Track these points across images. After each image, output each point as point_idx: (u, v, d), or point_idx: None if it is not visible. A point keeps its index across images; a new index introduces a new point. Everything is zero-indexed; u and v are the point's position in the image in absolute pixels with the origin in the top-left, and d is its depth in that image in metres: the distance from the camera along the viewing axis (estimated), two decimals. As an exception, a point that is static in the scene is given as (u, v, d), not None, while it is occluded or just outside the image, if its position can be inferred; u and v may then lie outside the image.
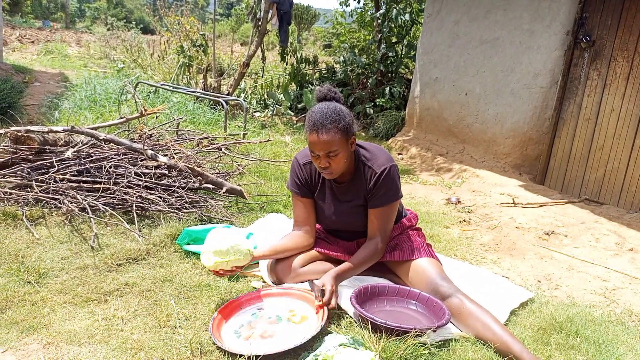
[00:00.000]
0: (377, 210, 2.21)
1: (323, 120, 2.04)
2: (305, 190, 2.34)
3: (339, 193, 2.29)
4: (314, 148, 2.08)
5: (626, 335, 2.14)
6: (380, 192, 2.19)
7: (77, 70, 9.69)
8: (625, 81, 3.77)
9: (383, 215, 2.22)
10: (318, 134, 2.04)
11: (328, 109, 2.07)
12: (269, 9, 7.17)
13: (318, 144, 2.05)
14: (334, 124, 2.04)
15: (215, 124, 5.71)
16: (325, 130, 2.03)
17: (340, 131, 2.06)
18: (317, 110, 2.08)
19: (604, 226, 3.35)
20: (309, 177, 2.33)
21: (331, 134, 2.04)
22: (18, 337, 1.83)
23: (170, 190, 3.20)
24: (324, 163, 2.09)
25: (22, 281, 2.18)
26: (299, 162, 2.35)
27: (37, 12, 31.25)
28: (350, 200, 2.27)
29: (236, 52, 11.67)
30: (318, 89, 2.19)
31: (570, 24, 4.09)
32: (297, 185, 2.34)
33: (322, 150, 2.06)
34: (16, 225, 2.71)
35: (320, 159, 2.09)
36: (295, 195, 2.36)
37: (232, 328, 1.98)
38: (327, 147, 2.05)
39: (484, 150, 4.89)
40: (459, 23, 5.10)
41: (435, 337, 1.91)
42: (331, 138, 2.03)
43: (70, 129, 3.35)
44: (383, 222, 2.22)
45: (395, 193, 2.21)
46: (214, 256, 2.08)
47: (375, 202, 2.21)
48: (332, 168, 2.12)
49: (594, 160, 3.99)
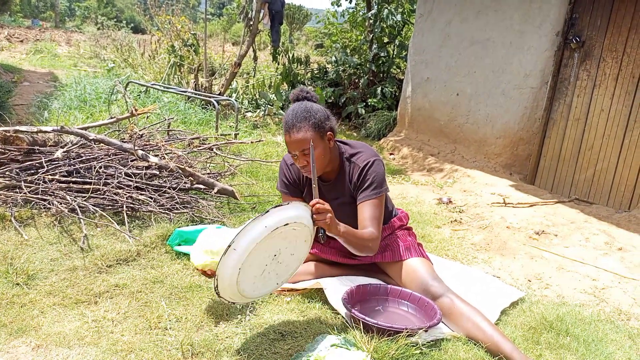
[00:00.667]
0: (365, 203, 2.20)
1: (294, 119, 2.07)
2: (294, 189, 2.34)
3: (326, 192, 2.29)
4: (290, 148, 2.10)
5: (615, 333, 2.16)
6: (365, 185, 2.18)
7: (67, 70, 9.60)
8: (614, 81, 3.80)
9: (372, 208, 2.19)
10: (290, 133, 2.06)
11: (299, 108, 2.10)
12: (260, 8, 7.15)
13: (292, 143, 2.07)
14: (304, 122, 2.06)
15: (207, 124, 5.68)
16: (296, 128, 2.05)
17: (312, 127, 2.07)
18: (290, 111, 2.11)
19: (593, 226, 3.38)
20: (296, 177, 2.33)
21: (302, 131, 2.05)
22: (6, 340, 1.81)
23: (161, 190, 3.18)
24: (302, 162, 2.10)
25: (10, 283, 2.16)
26: (286, 163, 2.35)
27: (26, 10, 30.96)
28: (336, 198, 2.27)
29: (228, 52, 11.64)
30: (292, 91, 2.22)
31: (560, 25, 4.12)
32: (285, 185, 2.34)
33: (297, 149, 2.07)
34: (5, 226, 2.69)
35: (298, 158, 2.10)
36: (285, 196, 2.36)
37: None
38: (300, 145, 2.06)
39: (475, 151, 4.91)
40: (451, 24, 5.12)
41: (426, 337, 1.92)
42: (303, 136, 2.04)
43: (59, 129, 3.32)
44: (372, 215, 2.19)
45: (380, 186, 2.19)
46: (204, 255, 2.07)
47: (361, 196, 2.20)
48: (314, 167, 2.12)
49: (584, 160, 4.03)
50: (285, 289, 2.25)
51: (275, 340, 1.91)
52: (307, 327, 2.01)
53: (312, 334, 1.96)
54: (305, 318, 2.08)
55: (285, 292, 2.26)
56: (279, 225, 1.70)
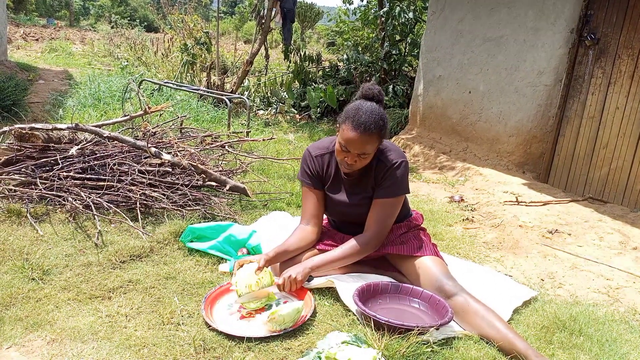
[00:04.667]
0: (380, 201, 2.20)
1: (370, 123, 2.04)
2: (317, 181, 2.34)
3: (349, 186, 2.30)
4: (349, 144, 2.07)
5: (630, 334, 2.13)
6: (386, 183, 2.19)
7: (81, 68, 9.71)
8: (630, 79, 3.75)
9: (384, 208, 2.20)
10: (360, 133, 2.04)
11: (377, 113, 2.08)
12: (272, 6, 7.17)
13: (356, 142, 2.05)
14: (377, 130, 2.06)
15: (219, 122, 5.72)
16: (369, 133, 2.04)
17: (379, 138, 2.10)
18: (366, 110, 2.07)
19: (607, 225, 3.34)
20: (320, 169, 2.33)
21: (373, 138, 2.06)
22: (22, 334, 1.84)
23: (174, 187, 3.21)
24: (352, 160, 2.11)
25: (26, 278, 2.20)
26: (311, 154, 2.35)
27: (41, 9, 31.29)
28: (359, 193, 2.28)
29: (240, 50, 11.67)
30: (368, 86, 2.18)
31: (574, 22, 4.07)
32: (308, 176, 2.34)
33: (357, 150, 2.07)
34: (20, 222, 2.73)
35: (350, 156, 2.10)
36: (306, 187, 2.35)
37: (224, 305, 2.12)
38: (363, 149, 2.07)
39: (487, 149, 4.88)
40: (463, 21, 5.08)
41: (437, 335, 1.92)
42: (370, 142, 2.06)
43: (74, 126, 3.36)
44: (382, 215, 2.21)
45: (401, 187, 2.20)
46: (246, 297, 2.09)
47: (380, 192, 2.21)
48: (357, 166, 2.15)
49: (598, 159, 3.98)
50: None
51: (286, 336, 1.91)
52: (318, 323, 2.02)
53: (323, 330, 1.96)
54: (317, 315, 2.08)
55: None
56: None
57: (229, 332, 1.88)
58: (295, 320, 1.95)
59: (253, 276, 2.08)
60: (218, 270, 2.43)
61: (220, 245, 2.57)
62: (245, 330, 1.93)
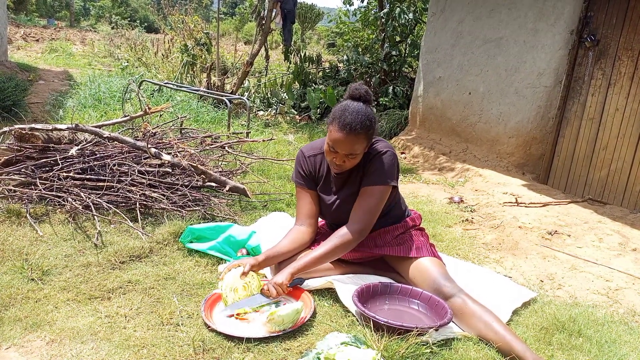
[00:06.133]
0: (366, 189, 2.18)
1: (356, 123, 2.03)
2: (310, 182, 2.34)
3: (337, 182, 2.31)
4: (336, 145, 2.07)
5: (629, 335, 2.13)
6: (372, 169, 2.18)
7: (82, 69, 9.72)
8: (630, 80, 3.75)
9: (370, 196, 2.17)
10: (347, 134, 2.03)
11: (364, 113, 2.07)
12: (272, 7, 7.17)
13: (344, 143, 2.05)
14: (364, 130, 2.05)
15: (219, 123, 5.72)
16: (355, 133, 2.03)
17: (367, 138, 2.09)
18: (352, 111, 2.06)
19: (607, 226, 3.34)
20: (313, 169, 2.33)
21: (360, 138, 2.05)
22: (21, 334, 1.84)
23: (174, 188, 3.21)
24: (340, 160, 2.11)
25: (25, 278, 2.20)
26: (304, 154, 2.35)
27: (41, 10, 31.30)
28: (347, 189, 2.28)
29: (240, 51, 11.68)
30: (355, 86, 2.17)
31: (574, 23, 4.07)
32: (302, 177, 2.34)
33: (344, 150, 2.07)
34: (20, 222, 2.73)
35: (338, 156, 2.10)
36: (300, 187, 2.35)
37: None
38: (350, 149, 2.06)
39: (487, 150, 4.88)
40: (463, 22, 5.09)
41: (437, 336, 1.92)
42: (358, 142, 2.05)
43: (74, 127, 3.36)
44: (367, 204, 2.18)
45: (387, 175, 2.17)
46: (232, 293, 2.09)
47: (365, 180, 2.19)
48: (346, 166, 2.14)
49: (598, 160, 3.98)
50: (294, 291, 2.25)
51: (285, 337, 1.91)
52: (318, 324, 2.02)
53: (323, 331, 1.96)
54: (316, 315, 2.08)
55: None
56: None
57: (228, 333, 1.89)
58: (294, 321, 1.95)
59: (239, 280, 2.07)
60: (217, 270, 2.43)
61: (220, 246, 2.57)
62: (244, 331, 1.93)
